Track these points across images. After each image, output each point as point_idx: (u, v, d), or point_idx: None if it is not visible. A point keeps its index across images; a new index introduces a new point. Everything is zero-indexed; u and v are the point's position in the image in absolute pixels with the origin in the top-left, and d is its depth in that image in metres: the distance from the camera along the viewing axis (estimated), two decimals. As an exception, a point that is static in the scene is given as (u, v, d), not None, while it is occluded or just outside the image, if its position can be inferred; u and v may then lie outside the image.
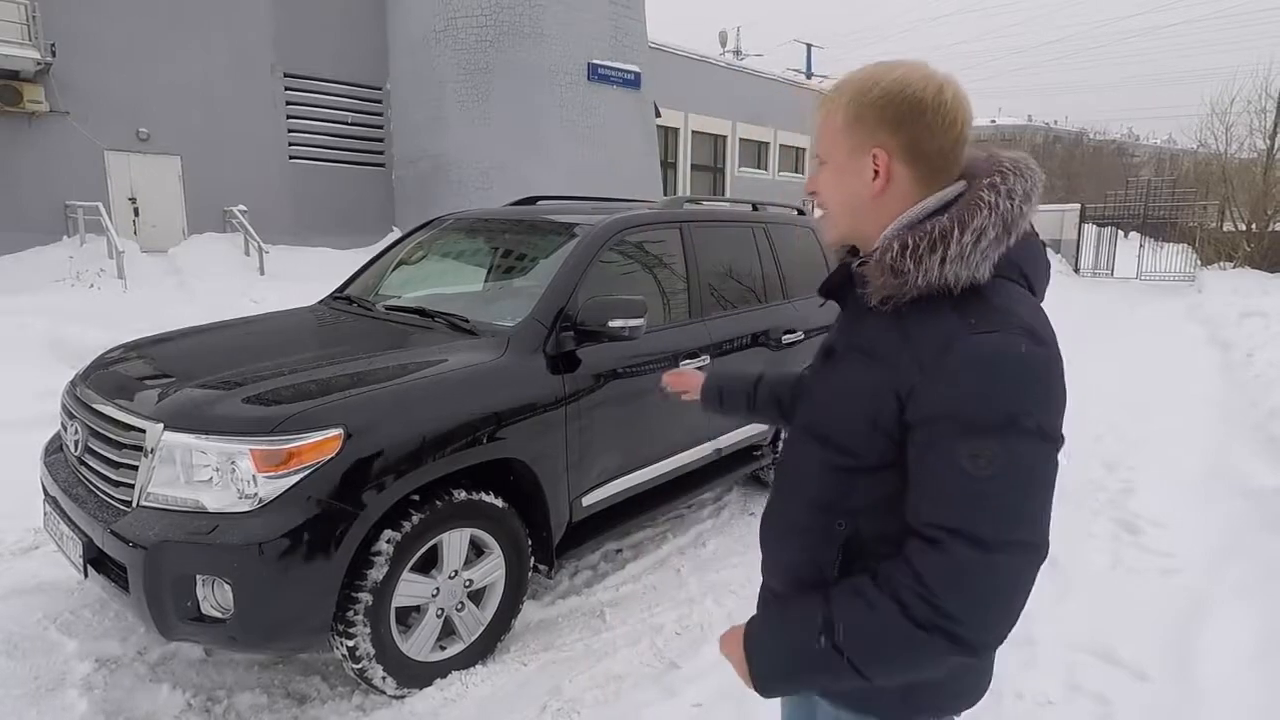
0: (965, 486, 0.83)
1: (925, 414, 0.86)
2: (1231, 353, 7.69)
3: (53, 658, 2.48)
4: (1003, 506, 0.83)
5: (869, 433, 0.92)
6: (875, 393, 0.92)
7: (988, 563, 0.82)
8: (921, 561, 0.84)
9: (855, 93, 0.95)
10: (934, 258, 0.88)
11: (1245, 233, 18.38)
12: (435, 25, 13.35)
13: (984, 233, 0.88)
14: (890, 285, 0.91)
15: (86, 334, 6.35)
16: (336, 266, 11.09)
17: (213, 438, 2.05)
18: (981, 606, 0.83)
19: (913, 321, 0.91)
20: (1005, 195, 0.90)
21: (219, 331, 3.13)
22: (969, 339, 0.85)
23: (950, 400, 0.84)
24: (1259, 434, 4.93)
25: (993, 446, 0.82)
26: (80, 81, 11.01)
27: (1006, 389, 0.83)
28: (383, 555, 2.19)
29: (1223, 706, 2.27)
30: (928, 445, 0.86)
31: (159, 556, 1.98)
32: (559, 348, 2.74)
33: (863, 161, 0.96)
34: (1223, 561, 3.19)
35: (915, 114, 0.92)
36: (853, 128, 0.96)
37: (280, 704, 2.36)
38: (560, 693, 2.41)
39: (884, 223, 0.97)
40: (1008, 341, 0.84)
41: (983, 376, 0.83)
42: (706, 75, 22.25)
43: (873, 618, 0.86)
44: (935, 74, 0.94)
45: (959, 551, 0.82)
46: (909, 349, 0.89)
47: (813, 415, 1.05)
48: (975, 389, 0.83)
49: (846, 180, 0.98)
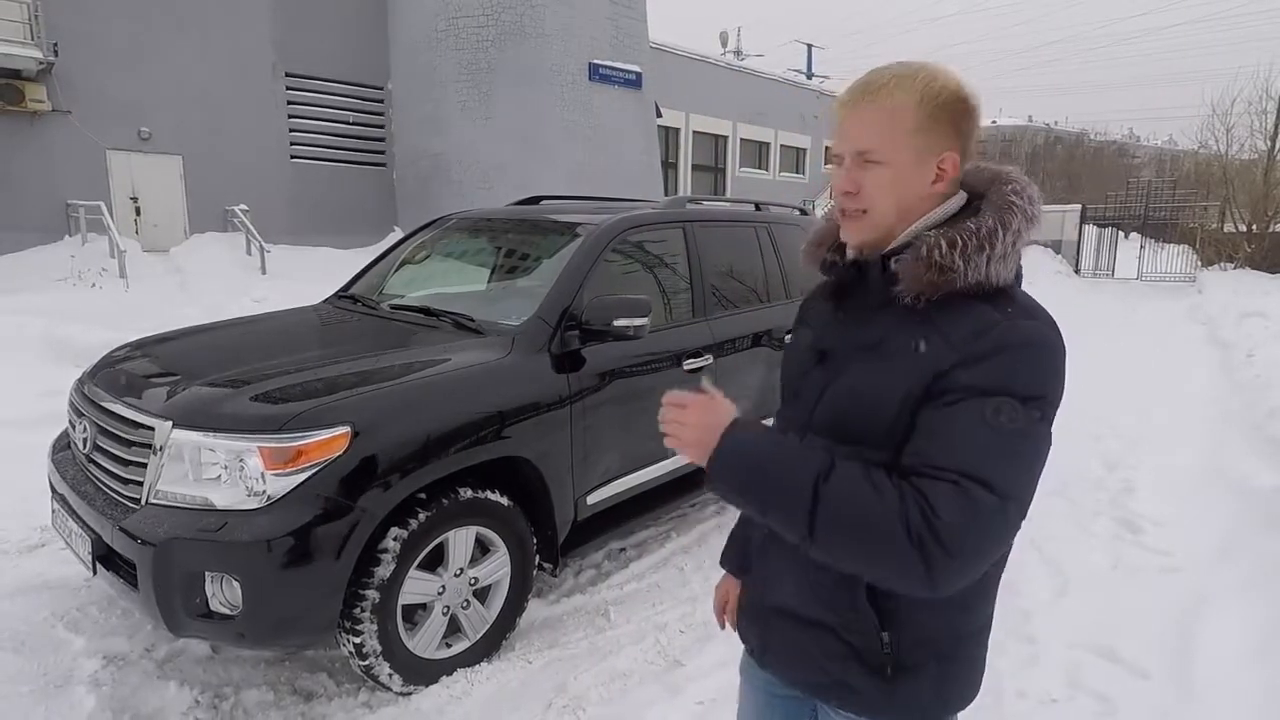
0: (990, 438, 0.86)
1: (959, 384, 0.89)
2: (1231, 353, 7.70)
3: (60, 655, 2.50)
4: (1015, 463, 0.87)
5: (899, 424, 0.93)
6: (909, 383, 0.92)
7: (996, 509, 0.85)
8: (933, 490, 0.85)
9: (926, 94, 0.94)
10: (981, 256, 0.92)
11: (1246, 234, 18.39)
12: (436, 25, 13.37)
13: (1020, 235, 0.94)
14: (935, 281, 0.93)
15: (88, 333, 6.37)
16: (337, 266, 11.10)
17: (221, 435, 2.06)
18: (971, 548, 0.85)
19: (944, 316, 0.93)
20: (1029, 201, 0.96)
21: (225, 330, 3.15)
22: (1013, 323, 0.90)
23: (989, 374, 0.88)
24: (1258, 434, 4.94)
25: (1019, 409, 0.87)
26: (82, 81, 11.02)
27: (1040, 368, 0.90)
28: (390, 553, 2.21)
29: (1223, 705, 2.29)
30: (958, 407, 0.88)
31: (168, 553, 2.00)
32: (564, 347, 2.75)
33: (928, 165, 0.96)
34: (1223, 560, 3.21)
35: (974, 116, 0.97)
36: (926, 130, 0.95)
37: (287, 701, 2.38)
38: (565, 690, 2.42)
39: (911, 223, 0.99)
40: (1043, 330, 0.91)
41: (1023, 354, 0.89)
42: (707, 75, 22.27)
43: (870, 496, 0.87)
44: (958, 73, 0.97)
45: (975, 493, 0.84)
46: (941, 336, 0.92)
47: (824, 417, 1.02)
48: (1013, 364, 0.88)
49: (907, 182, 0.97)
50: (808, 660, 1.07)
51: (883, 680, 1.00)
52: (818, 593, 1.03)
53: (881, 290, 0.98)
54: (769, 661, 1.15)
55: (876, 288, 0.99)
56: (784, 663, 1.13)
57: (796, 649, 1.08)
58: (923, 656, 1.00)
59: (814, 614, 1.04)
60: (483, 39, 13.22)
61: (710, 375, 1.13)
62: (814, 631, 1.04)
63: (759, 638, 1.16)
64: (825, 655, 1.04)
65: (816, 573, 1.01)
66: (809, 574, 1.03)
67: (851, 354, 1.01)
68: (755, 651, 1.19)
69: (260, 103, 12.83)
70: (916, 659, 0.99)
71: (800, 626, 1.06)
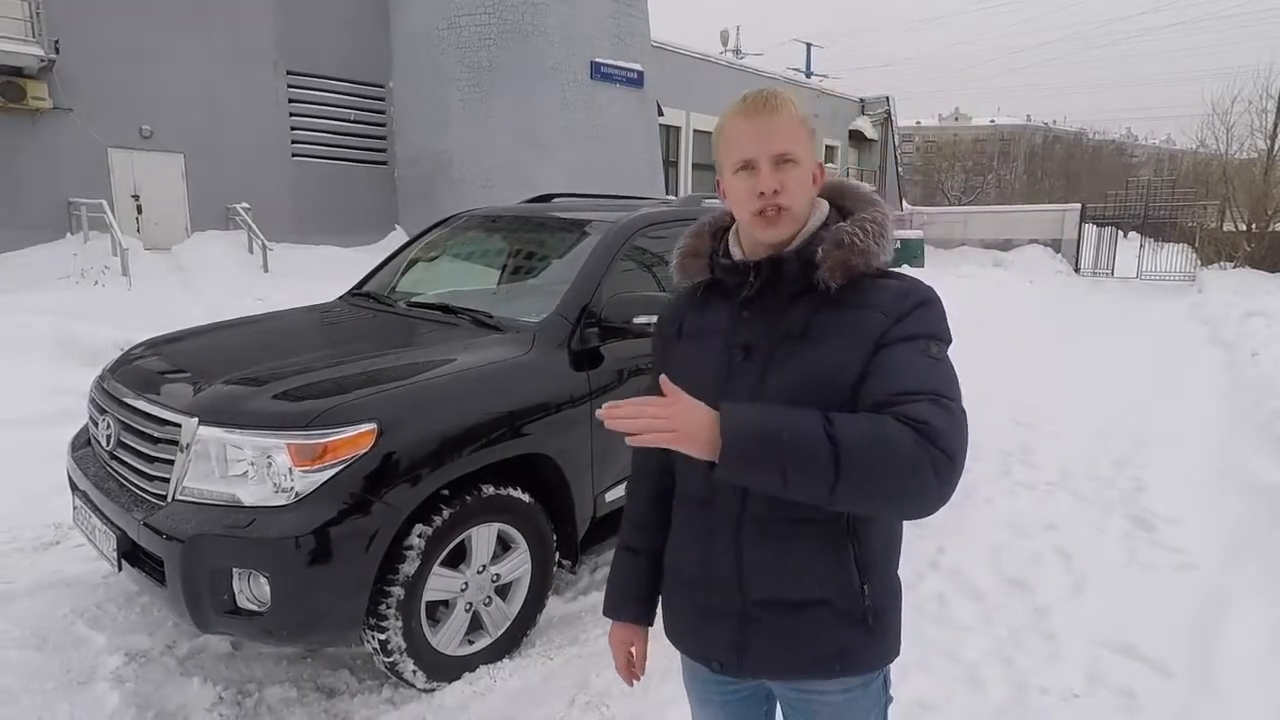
0: (932, 368, 1.04)
1: (898, 336, 1.06)
2: (1235, 352, 7.72)
3: (82, 652, 2.49)
4: (954, 381, 1.05)
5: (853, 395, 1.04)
6: (856, 355, 1.05)
7: (960, 414, 1.01)
8: (916, 409, 0.97)
9: (801, 112, 1.11)
10: (884, 241, 1.12)
11: (1245, 233, 18.44)
12: (438, 23, 13.36)
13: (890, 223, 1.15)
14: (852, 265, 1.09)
15: (95, 332, 6.36)
16: (340, 264, 11.10)
17: (249, 432, 2.06)
18: (958, 448, 0.98)
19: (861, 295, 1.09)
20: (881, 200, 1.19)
21: (243, 328, 3.15)
22: (918, 287, 1.11)
23: (916, 324, 1.07)
24: (1266, 432, 4.96)
25: (941, 345, 1.07)
26: (83, 79, 10.99)
27: (943, 316, 1.11)
28: (414, 549, 2.21)
29: (1248, 702, 2.30)
30: (898, 350, 1.05)
31: (196, 550, 2.00)
32: (583, 344, 2.75)
33: (812, 169, 1.12)
34: (1237, 558, 3.22)
35: None
36: (809, 140, 1.11)
37: (310, 697, 2.38)
38: (588, 686, 2.42)
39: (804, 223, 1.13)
40: (933, 290, 1.12)
41: (933, 308, 1.09)
42: (708, 74, 22.26)
43: (875, 428, 0.95)
44: None
45: (945, 403, 0.99)
46: (873, 311, 1.07)
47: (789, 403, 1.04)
48: (930, 315, 1.08)
49: (809, 181, 1.12)
50: (802, 642, 1.11)
51: (867, 632, 1.11)
52: (811, 570, 1.09)
53: (797, 281, 1.10)
54: (750, 665, 1.14)
55: (792, 279, 1.11)
56: (771, 657, 1.13)
57: (788, 637, 1.11)
58: (888, 600, 1.14)
59: (807, 594, 1.09)
60: (484, 37, 13.21)
61: None
62: (807, 611, 1.10)
63: (733, 646, 1.14)
64: (823, 629, 1.10)
65: (810, 554, 1.09)
66: (795, 557, 1.10)
67: (779, 343, 1.10)
68: (726, 663, 1.16)
69: (262, 100, 12.81)
70: (884, 604, 1.13)
71: (791, 611, 1.10)
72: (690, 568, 1.19)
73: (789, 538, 1.09)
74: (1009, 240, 19.64)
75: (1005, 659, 2.54)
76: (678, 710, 2.32)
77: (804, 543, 1.09)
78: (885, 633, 1.14)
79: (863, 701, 1.17)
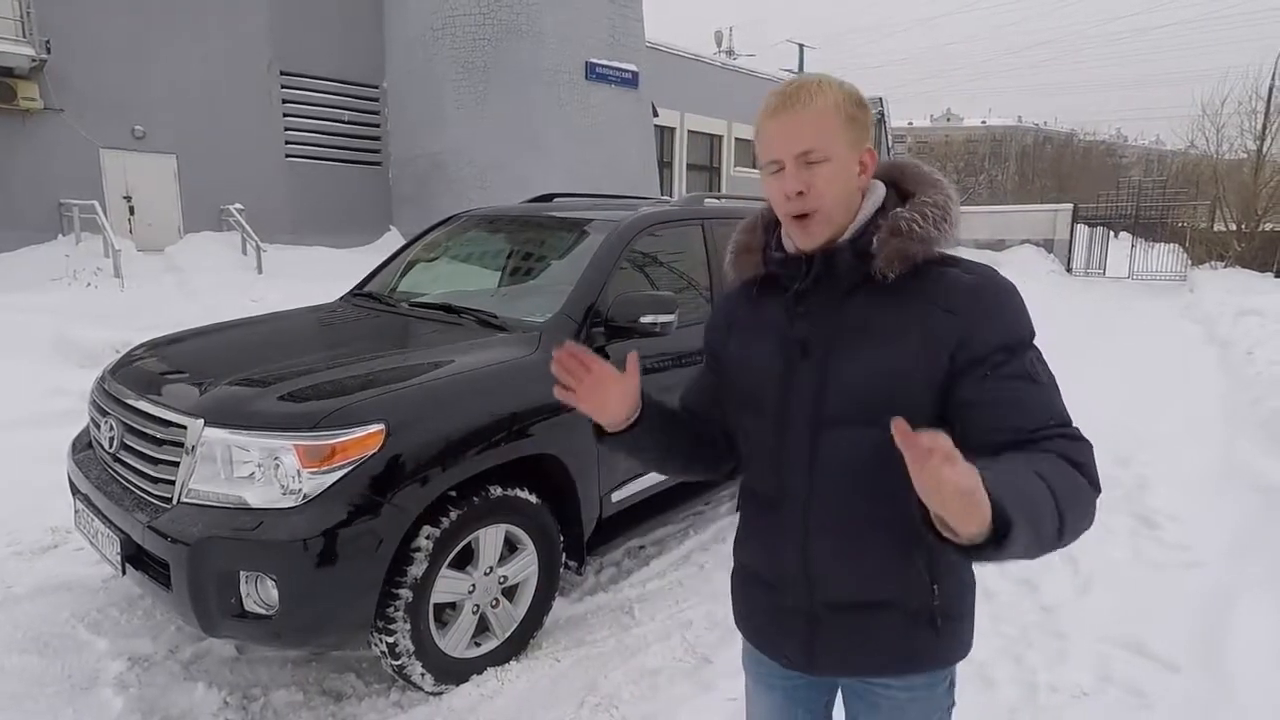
0: (1042, 392, 0.99)
1: (982, 349, 0.99)
2: (1230, 351, 7.77)
3: (84, 656, 2.46)
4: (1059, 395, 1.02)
5: (922, 393, 1.00)
6: (919, 353, 1.00)
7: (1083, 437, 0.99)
8: (1059, 446, 0.94)
9: (845, 97, 1.03)
10: (946, 225, 1.04)
11: (1235, 233, 18.58)
12: (433, 24, 13.31)
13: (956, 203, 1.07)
14: (911, 252, 1.02)
15: (90, 333, 6.30)
16: (334, 265, 11.04)
17: (256, 434, 2.04)
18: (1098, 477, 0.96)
19: (921, 286, 1.02)
20: (944, 179, 1.10)
21: (245, 328, 3.12)
22: (990, 282, 1.02)
23: (1002, 329, 1.00)
24: (1265, 431, 4.98)
25: (1035, 351, 1.01)
26: (75, 79, 10.90)
27: (1024, 310, 1.03)
28: (422, 551, 2.19)
29: (1256, 695, 2.30)
30: (999, 373, 0.98)
31: (203, 553, 1.97)
32: (589, 343, 2.74)
33: (855, 158, 1.05)
34: (1242, 555, 3.23)
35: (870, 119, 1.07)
36: (850, 127, 1.03)
37: (316, 701, 2.35)
38: (597, 688, 2.41)
39: (854, 214, 1.07)
40: (1005, 278, 1.04)
41: (1011, 301, 1.02)
42: (702, 75, 22.28)
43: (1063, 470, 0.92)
44: None
45: (1071, 432, 0.97)
46: (933, 306, 1.01)
47: (838, 407, 1.04)
48: (1011, 313, 1.02)
49: (847, 176, 1.04)
50: (871, 643, 1.10)
51: (935, 633, 1.08)
52: (879, 571, 1.08)
53: (853, 273, 1.05)
54: (820, 663, 1.14)
55: (847, 271, 1.05)
56: (840, 657, 1.13)
57: (857, 637, 1.11)
58: (958, 600, 1.11)
59: (878, 595, 1.08)
60: (479, 37, 13.18)
61: None
62: (877, 613, 1.08)
63: (803, 644, 1.14)
64: (891, 630, 1.08)
65: (878, 555, 1.07)
66: (863, 558, 1.08)
67: (836, 340, 1.06)
68: (796, 661, 1.16)
69: (255, 101, 12.73)
70: (954, 603, 1.10)
71: (859, 612, 1.09)
72: (760, 566, 1.19)
73: (856, 539, 1.07)
74: (1002, 240, 19.70)
75: (1015, 658, 2.54)
76: (689, 710, 2.31)
77: (871, 544, 1.07)
78: (955, 632, 1.11)
79: (926, 702, 1.15)
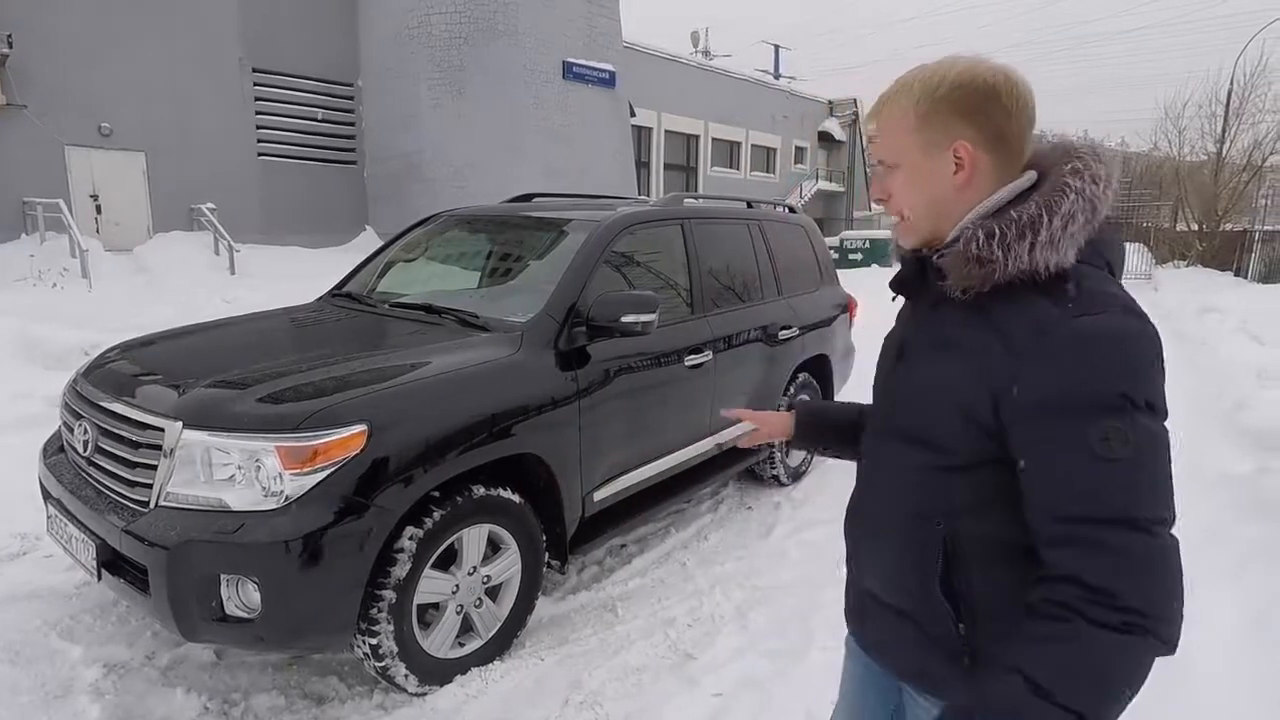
0: (1102, 472, 0.80)
1: (1033, 402, 0.84)
2: (1194, 347, 7.98)
3: (57, 664, 2.42)
4: (1146, 484, 0.81)
5: (963, 428, 0.91)
6: (966, 386, 0.90)
7: (1148, 544, 0.79)
8: (1081, 565, 0.79)
9: (923, 91, 0.94)
10: (1023, 244, 0.88)
11: (1197, 232, 19.08)
12: (408, 22, 13.21)
13: (1073, 218, 0.88)
14: (975, 274, 0.90)
15: (57, 334, 6.16)
16: (309, 265, 10.92)
17: (236, 435, 2.02)
18: (1161, 589, 0.78)
19: (999, 311, 0.90)
20: (1090, 180, 0.90)
21: (222, 330, 3.08)
22: (1074, 321, 0.83)
23: (1062, 385, 0.82)
24: (1228, 424, 5.13)
25: (1119, 424, 0.79)
26: (39, 74, 10.65)
27: (1119, 366, 0.82)
28: (405, 552, 2.19)
29: (1219, 683, 2.38)
30: (1045, 438, 0.83)
31: (183, 557, 1.95)
32: (571, 343, 2.75)
33: (942, 158, 0.95)
34: (1206, 546, 3.32)
35: (991, 100, 0.92)
36: (925, 125, 0.95)
37: (299, 705, 2.33)
38: (581, 686, 2.42)
39: (963, 215, 0.97)
40: (1117, 321, 0.84)
41: (1093, 356, 0.82)
42: (679, 75, 22.34)
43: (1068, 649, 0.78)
44: (994, 62, 0.95)
45: (1118, 539, 0.78)
46: (999, 338, 0.88)
47: (900, 416, 1.03)
48: (1089, 370, 0.82)
49: (925, 180, 0.97)
50: (893, 644, 1.08)
51: (962, 669, 0.97)
52: (900, 581, 1.03)
53: (936, 285, 0.96)
54: (869, 645, 1.17)
55: (932, 283, 0.97)
56: (875, 643, 1.15)
57: (885, 632, 1.10)
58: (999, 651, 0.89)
59: (896, 602, 1.05)
60: (455, 36, 13.11)
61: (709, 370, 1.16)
62: (898, 618, 1.05)
63: (857, 617, 1.19)
64: (906, 642, 1.04)
65: (897, 562, 1.03)
66: (891, 562, 1.04)
67: (923, 350, 1.01)
68: (856, 634, 1.22)
69: (227, 98, 12.54)
70: (999, 652, 0.88)
71: (886, 611, 1.07)
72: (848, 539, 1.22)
73: (884, 536, 1.06)
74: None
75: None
76: (673, 706, 2.33)
77: (893, 547, 1.03)
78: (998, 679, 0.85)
79: None
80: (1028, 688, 0.79)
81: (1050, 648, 0.80)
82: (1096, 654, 0.77)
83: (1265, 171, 19.30)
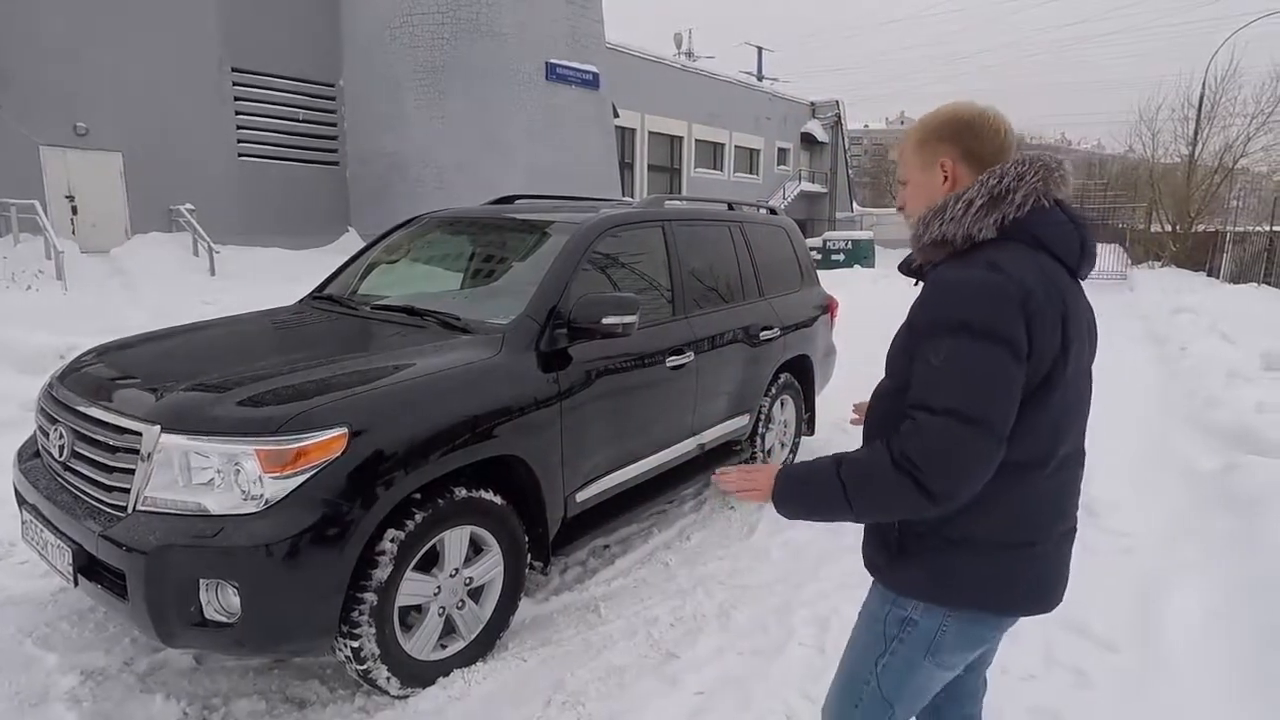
0: (927, 374, 1.15)
1: (913, 326, 1.22)
2: (1166, 346, 8.14)
3: (33, 672, 2.39)
4: (947, 385, 1.13)
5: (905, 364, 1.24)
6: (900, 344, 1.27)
7: (934, 423, 1.12)
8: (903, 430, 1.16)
9: (921, 124, 1.33)
10: (936, 221, 1.24)
11: (1171, 233, 19.43)
12: (391, 22, 13.14)
13: (971, 203, 1.21)
14: (920, 250, 1.30)
15: (32, 337, 6.07)
16: (291, 267, 10.83)
17: (215, 439, 2.01)
18: (933, 458, 1.12)
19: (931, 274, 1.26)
20: (996, 176, 1.23)
21: (201, 333, 3.05)
22: (944, 270, 1.21)
23: (922, 313, 1.20)
24: (1197, 421, 5.25)
25: (946, 343, 1.13)
26: (13, 73, 10.47)
27: (955, 300, 1.15)
28: (387, 555, 2.19)
29: (1188, 672, 2.44)
30: (917, 353, 1.19)
31: (161, 561, 1.94)
32: (552, 345, 2.76)
33: (934, 172, 1.30)
34: (1176, 540, 3.41)
35: (965, 128, 1.28)
36: (920, 148, 1.32)
37: (280, 709, 2.33)
38: (563, 686, 2.43)
39: None
40: (970, 271, 1.17)
41: (941, 293, 1.18)
42: (663, 77, 22.38)
43: (867, 459, 1.19)
44: (976, 103, 1.31)
45: (919, 416, 1.14)
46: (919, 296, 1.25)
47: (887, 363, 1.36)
48: (935, 302, 1.18)
49: (924, 189, 1.32)
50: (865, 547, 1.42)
51: (889, 557, 1.33)
52: None
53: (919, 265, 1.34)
54: None
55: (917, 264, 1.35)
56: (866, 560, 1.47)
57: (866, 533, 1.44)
58: (914, 544, 1.30)
59: None
60: (438, 36, 13.06)
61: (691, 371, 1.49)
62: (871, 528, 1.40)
63: None
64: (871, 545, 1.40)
65: None
66: None
67: None
68: None
69: (206, 98, 12.40)
70: (911, 546, 1.30)
71: None
72: None
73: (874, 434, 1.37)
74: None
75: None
76: (655, 706, 2.35)
77: None
78: (905, 566, 1.31)
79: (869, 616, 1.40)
80: (834, 467, 1.22)
81: (861, 454, 1.22)
82: (877, 471, 1.17)
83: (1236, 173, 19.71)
